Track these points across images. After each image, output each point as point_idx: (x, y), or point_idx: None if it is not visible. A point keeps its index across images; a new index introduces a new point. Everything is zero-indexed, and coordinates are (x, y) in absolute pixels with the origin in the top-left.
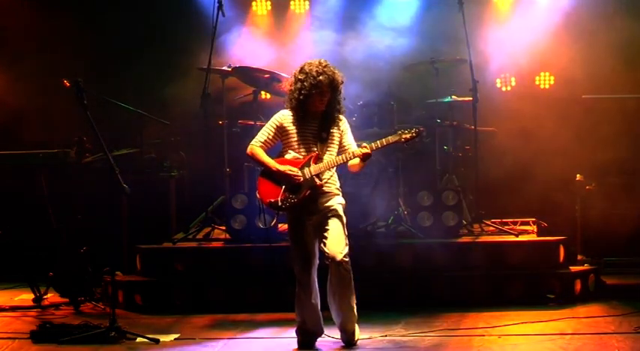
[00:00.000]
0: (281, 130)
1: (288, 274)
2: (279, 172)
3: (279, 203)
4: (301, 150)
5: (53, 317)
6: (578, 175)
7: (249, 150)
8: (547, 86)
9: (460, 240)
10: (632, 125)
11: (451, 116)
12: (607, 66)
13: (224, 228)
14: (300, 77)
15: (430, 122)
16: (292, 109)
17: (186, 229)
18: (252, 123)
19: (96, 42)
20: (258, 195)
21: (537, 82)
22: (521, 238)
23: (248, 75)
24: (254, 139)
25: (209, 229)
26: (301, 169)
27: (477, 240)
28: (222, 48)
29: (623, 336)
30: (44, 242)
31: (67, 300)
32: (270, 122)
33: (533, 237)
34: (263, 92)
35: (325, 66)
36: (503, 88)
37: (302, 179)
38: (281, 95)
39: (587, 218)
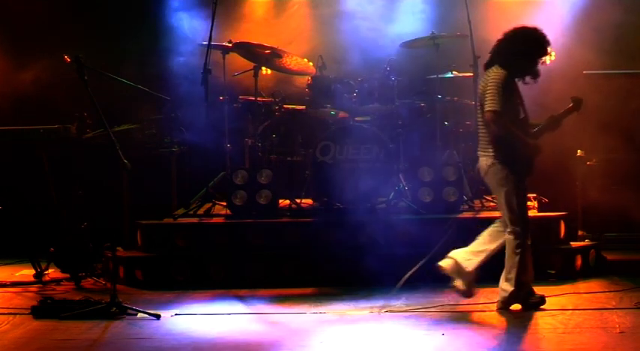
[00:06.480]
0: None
1: (288, 251)
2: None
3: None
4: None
5: (54, 293)
6: (579, 151)
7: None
8: (548, 62)
9: (461, 215)
10: (634, 101)
11: (452, 92)
12: (609, 41)
13: (225, 204)
14: (532, 42)
15: (431, 98)
16: (520, 73)
17: (187, 205)
18: (253, 99)
19: (96, 17)
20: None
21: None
22: None
23: (249, 50)
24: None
25: (210, 204)
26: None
27: (477, 215)
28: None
29: (623, 311)
30: (45, 218)
31: (67, 275)
32: (498, 85)
33: (534, 213)
34: (264, 68)
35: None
36: None
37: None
38: (282, 71)
39: (588, 194)
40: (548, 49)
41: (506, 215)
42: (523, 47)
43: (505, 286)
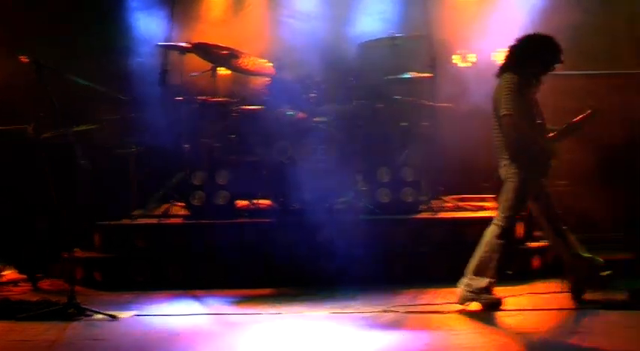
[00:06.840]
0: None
1: (246, 251)
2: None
3: None
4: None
5: (11, 294)
6: None
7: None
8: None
9: (419, 216)
10: (594, 102)
11: (410, 93)
12: (568, 42)
13: (183, 204)
14: (547, 49)
15: (389, 99)
16: (533, 76)
17: (146, 205)
18: (211, 99)
19: (50, 14)
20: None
21: (495, 59)
22: (479, 214)
23: (206, 51)
24: (514, 110)
25: (168, 205)
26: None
27: (435, 216)
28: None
29: (582, 311)
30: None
31: (25, 276)
32: (512, 90)
33: (491, 213)
34: (222, 68)
35: None
36: (462, 65)
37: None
38: (240, 72)
39: None
40: (562, 56)
41: (499, 208)
42: (537, 54)
43: (466, 280)
